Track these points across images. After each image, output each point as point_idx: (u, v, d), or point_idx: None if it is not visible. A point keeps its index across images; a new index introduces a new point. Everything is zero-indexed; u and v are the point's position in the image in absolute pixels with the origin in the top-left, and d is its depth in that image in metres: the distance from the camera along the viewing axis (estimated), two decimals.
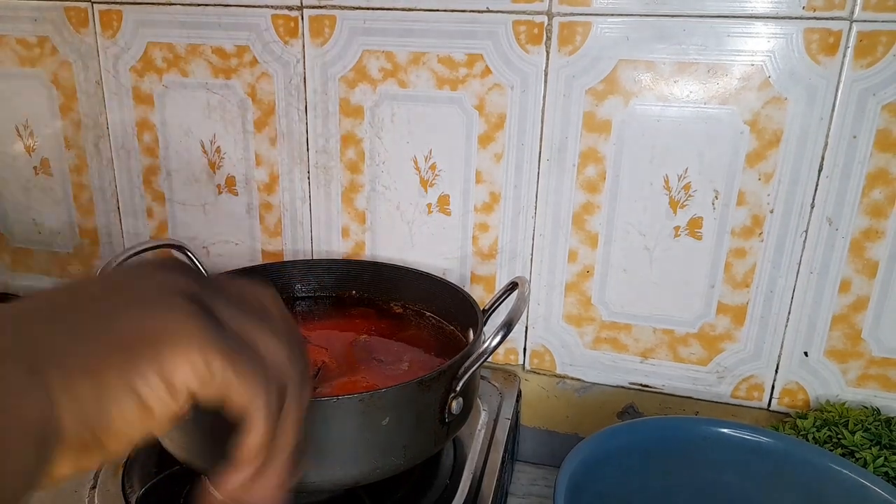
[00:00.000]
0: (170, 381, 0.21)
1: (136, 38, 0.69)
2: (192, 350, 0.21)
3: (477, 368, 0.47)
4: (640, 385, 0.67)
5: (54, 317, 0.21)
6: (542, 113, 0.61)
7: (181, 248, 0.63)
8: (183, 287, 0.23)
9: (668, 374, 0.65)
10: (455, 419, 0.47)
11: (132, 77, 0.71)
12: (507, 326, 0.46)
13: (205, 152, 0.72)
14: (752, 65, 0.55)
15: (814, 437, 0.56)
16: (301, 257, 0.72)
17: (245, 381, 0.22)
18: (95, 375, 0.20)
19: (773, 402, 0.63)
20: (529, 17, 0.58)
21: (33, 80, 0.75)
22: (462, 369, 0.46)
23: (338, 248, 0.71)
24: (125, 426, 0.21)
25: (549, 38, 0.59)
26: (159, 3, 0.67)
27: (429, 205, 0.67)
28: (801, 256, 0.58)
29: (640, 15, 0.56)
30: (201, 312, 0.22)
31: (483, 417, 0.61)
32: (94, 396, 0.20)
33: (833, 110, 0.54)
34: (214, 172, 0.72)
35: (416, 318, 0.63)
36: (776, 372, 0.62)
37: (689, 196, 0.59)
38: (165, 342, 0.21)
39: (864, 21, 0.52)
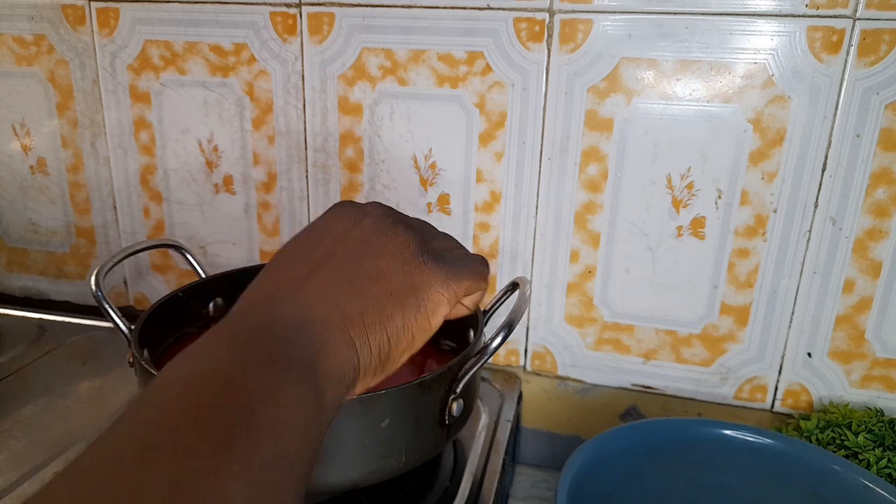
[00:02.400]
0: (431, 317, 0.31)
1: (134, 35, 0.69)
2: (441, 292, 0.31)
3: (477, 370, 0.46)
4: (643, 386, 0.66)
5: (344, 283, 0.29)
6: (544, 111, 0.60)
7: (178, 248, 0.62)
8: (414, 242, 0.32)
9: (670, 376, 0.65)
10: (455, 421, 0.47)
11: (129, 75, 0.70)
12: (508, 327, 0.45)
13: (202, 151, 0.71)
14: (755, 63, 0.54)
15: (817, 439, 0.55)
16: None
17: (474, 288, 0.34)
18: (383, 327, 0.29)
19: (777, 403, 0.63)
20: (530, 15, 0.58)
21: (30, 78, 0.74)
22: (462, 371, 0.46)
23: None
24: (401, 355, 0.31)
25: (550, 36, 0.58)
26: (157, 1, 0.67)
27: (429, 204, 0.66)
28: (805, 256, 0.58)
29: (643, 12, 0.55)
30: (433, 260, 0.32)
31: (484, 419, 0.61)
32: (383, 341, 0.29)
33: (836, 109, 0.54)
34: (212, 171, 0.72)
35: None
36: (779, 373, 0.62)
37: (692, 195, 0.59)
38: (423, 292, 0.31)
39: (868, 19, 0.51)
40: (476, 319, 0.53)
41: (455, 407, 0.46)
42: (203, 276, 0.61)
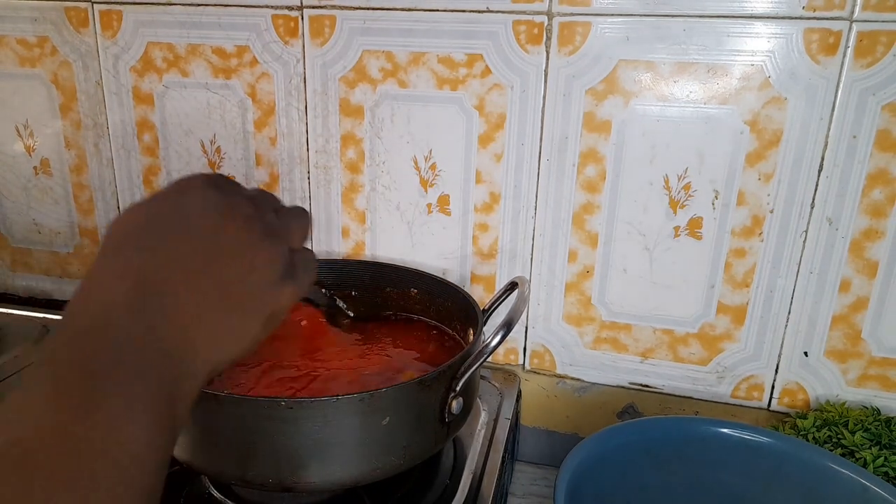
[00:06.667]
0: (273, 330, 0.32)
1: (137, 38, 0.69)
2: (287, 309, 0.32)
3: (477, 368, 0.47)
4: (640, 385, 0.67)
5: (215, 300, 0.28)
6: (542, 113, 0.61)
7: None
8: (277, 258, 0.31)
9: (667, 374, 0.65)
10: (455, 419, 0.47)
11: (132, 77, 0.71)
12: (507, 326, 0.46)
13: (205, 152, 0.72)
14: (752, 65, 0.55)
15: (814, 437, 0.56)
16: None
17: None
18: (239, 343, 0.30)
19: (773, 402, 0.63)
20: (529, 17, 0.58)
21: (33, 79, 0.75)
22: (462, 369, 0.46)
23: (338, 248, 0.71)
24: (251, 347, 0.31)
25: (549, 38, 0.59)
26: (159, 4, 0.67)
27: (429, 205, 0.67)
28: (801, 256, 0.58)
29: (640, 15, 0.56)
30: (289, 280, 0.31)
31: (483, 417, 0.61)
32: (236, 354, 0.30)
33: (833, 110, 0.54)
34: (214, 172, 0.72)
35: (416, 319, 0.63)
36: (776, 372, 0.62)
37: (689, 196, 0.59)
38: (279, 311, 0.31)
39: (864, 21, 0.52)
40: (476, 318, 0.54)
41: (455, 405, 0.46)
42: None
